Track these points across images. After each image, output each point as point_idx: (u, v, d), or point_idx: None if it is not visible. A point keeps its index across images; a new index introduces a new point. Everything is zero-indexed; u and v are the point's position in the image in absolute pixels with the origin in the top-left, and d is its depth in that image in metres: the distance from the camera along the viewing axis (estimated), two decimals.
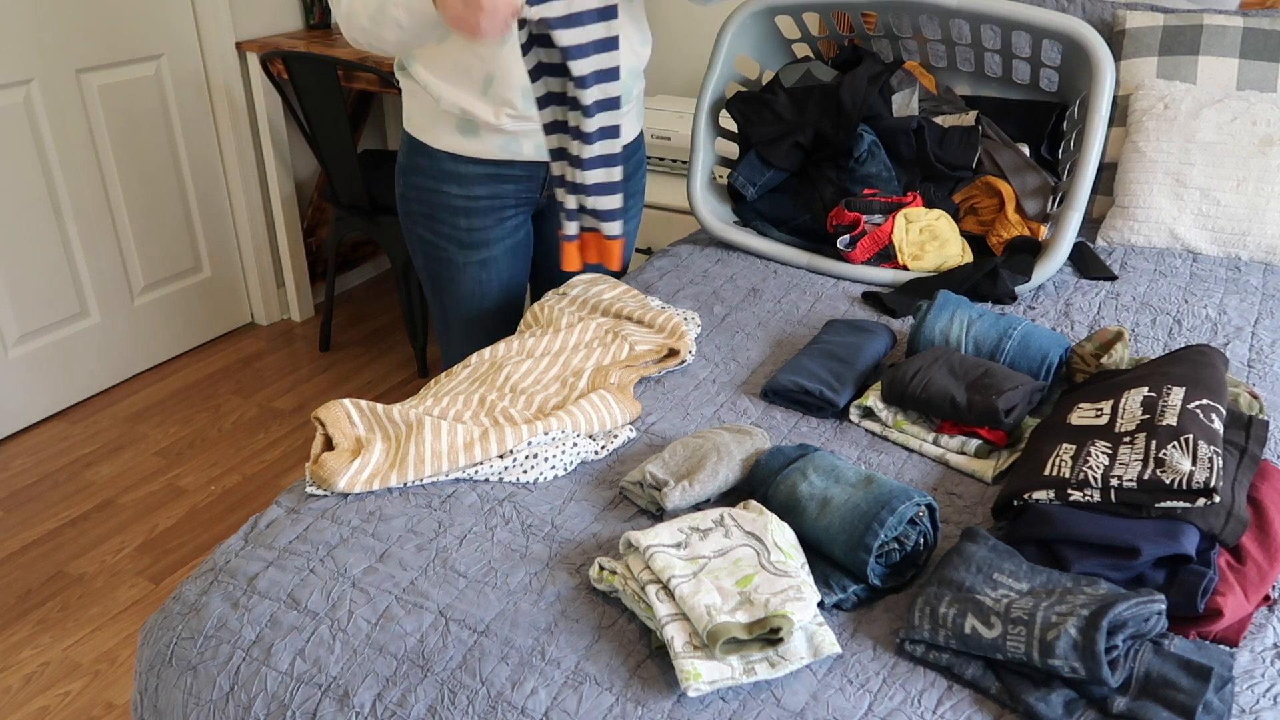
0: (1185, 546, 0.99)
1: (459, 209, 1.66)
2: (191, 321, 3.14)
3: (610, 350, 1.44)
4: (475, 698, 0.93)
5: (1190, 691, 0.87)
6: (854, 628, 1.00)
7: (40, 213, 2.64)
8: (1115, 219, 1.90)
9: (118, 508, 2.44)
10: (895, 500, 1.03)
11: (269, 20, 3.04)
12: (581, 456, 1.25)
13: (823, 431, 1.32)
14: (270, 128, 3.07)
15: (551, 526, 1.14)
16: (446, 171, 1.63)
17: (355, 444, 1.23)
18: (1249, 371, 1.46)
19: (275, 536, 1.13)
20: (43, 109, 2.59)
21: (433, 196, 1.66)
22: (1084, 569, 1.00)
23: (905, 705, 0.91)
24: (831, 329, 1.51)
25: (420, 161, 1.65)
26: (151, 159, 2.89)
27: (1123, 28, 2.02)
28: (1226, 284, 1.72)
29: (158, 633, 1.06)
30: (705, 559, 1.00)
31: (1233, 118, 1.83)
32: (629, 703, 0.91)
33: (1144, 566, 1.00)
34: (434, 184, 1.65)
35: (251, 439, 2.72)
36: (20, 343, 2.68)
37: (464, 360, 1.45)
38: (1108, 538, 1.00)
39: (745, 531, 1.03)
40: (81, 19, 2.63)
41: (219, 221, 3.14)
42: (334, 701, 0.95)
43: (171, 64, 2.88)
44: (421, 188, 1.66)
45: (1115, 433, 1.11)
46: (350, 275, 3.60)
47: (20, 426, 2.73)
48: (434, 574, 1.07)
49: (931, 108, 1.96)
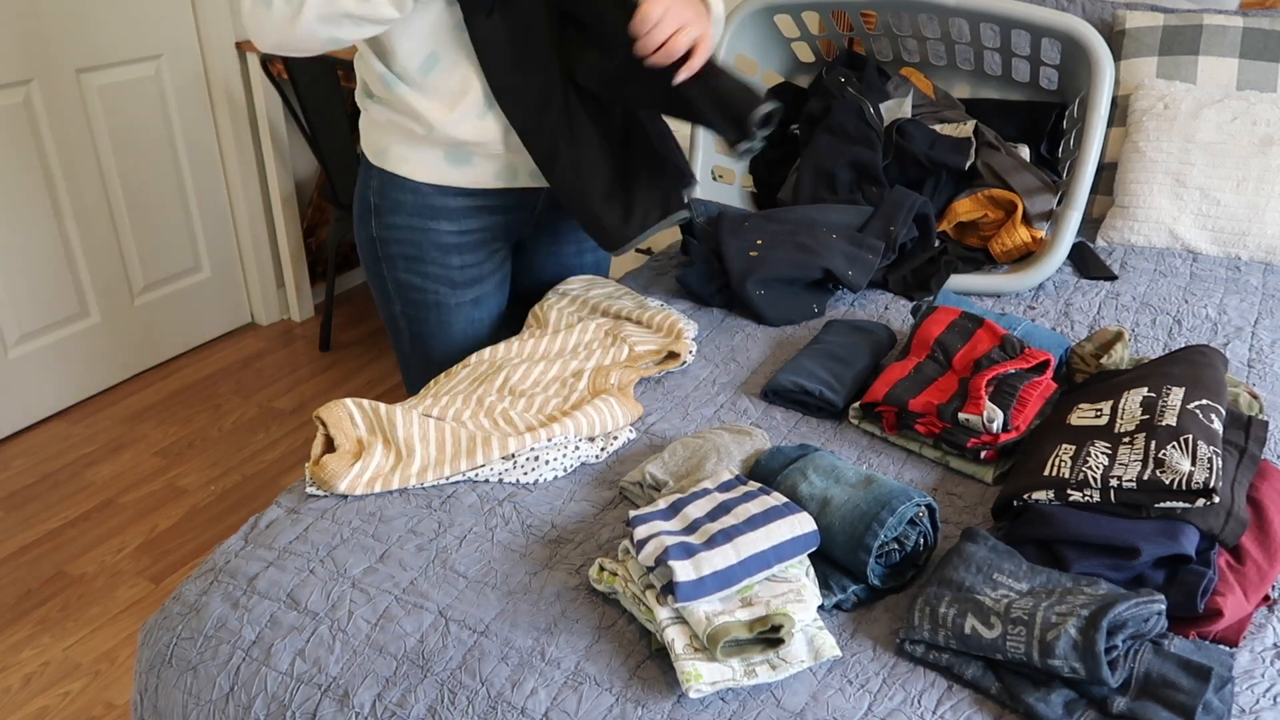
0: (1185, 546, 0.99)
1: (450, 246, 1.52)
2: (191, 321, 3.14)
3: (610, 352, 1.44)
4: (475, 698, 0.93)
5: (1190, 691, 0.88)
6: (854, 628, 1.00)
7: (40, 213, 2.64)
8: (1115, 219, 1.90)
9: (118, 508, 2.44)
10: (895, 500, 1.03)
11: None
12: (582, 459, 1.25)
13: (823, 432, 1.32)
14: (270, 128, 3.07)
15: (551, 527, 1.14)
16: (434, 206, 1.49)
17: (357, 445, 1.23)
18: (1249, 371, 1.46)
19: (275, 537, 1.13)
20: (42, 109, 2.59)
21: (418, 236, 1.50)
22: (1084, 569, 1.00)
23: (905, 705, 0.91)
24: (831, 329, 1.51)
25: (400, 198, 1.49)
26: (151, 159, 2.89)
27: (1123, 27, 2.02)
28: (1226, 284, 1.72)
29: (158, 633, 1.06)
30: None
31: (1233, 118, 1.83)
32: (629, 703, 0.91)
33: (1144, 566, 1.00)
34: (420, 221, 1.50)
35: (251, 439, 2.72)
36: (20, 343, 2.68)
37: (464, 360, 1.45)
38: (1107, 538, 1.00)
39: None
40: (81, 19, 2.63)
41: (219, 221, 3.14)
42: (334, 701, 0.95)
43: (171, 64, 2.88)
44: (403, 227, 1.50)
45: (1115, 433, 1.11)
46: (350, 275, 3.60)
47: (20, 426, 2.73)
48: (434, 574, 1.07)
49: (930, 113, 1.96)
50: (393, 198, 1.50)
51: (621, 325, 1.51)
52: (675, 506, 1.05)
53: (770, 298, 1.60)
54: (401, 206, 1.50)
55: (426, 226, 1.50)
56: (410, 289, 1.55)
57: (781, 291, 1.62)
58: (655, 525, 1.01)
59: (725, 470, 1.12)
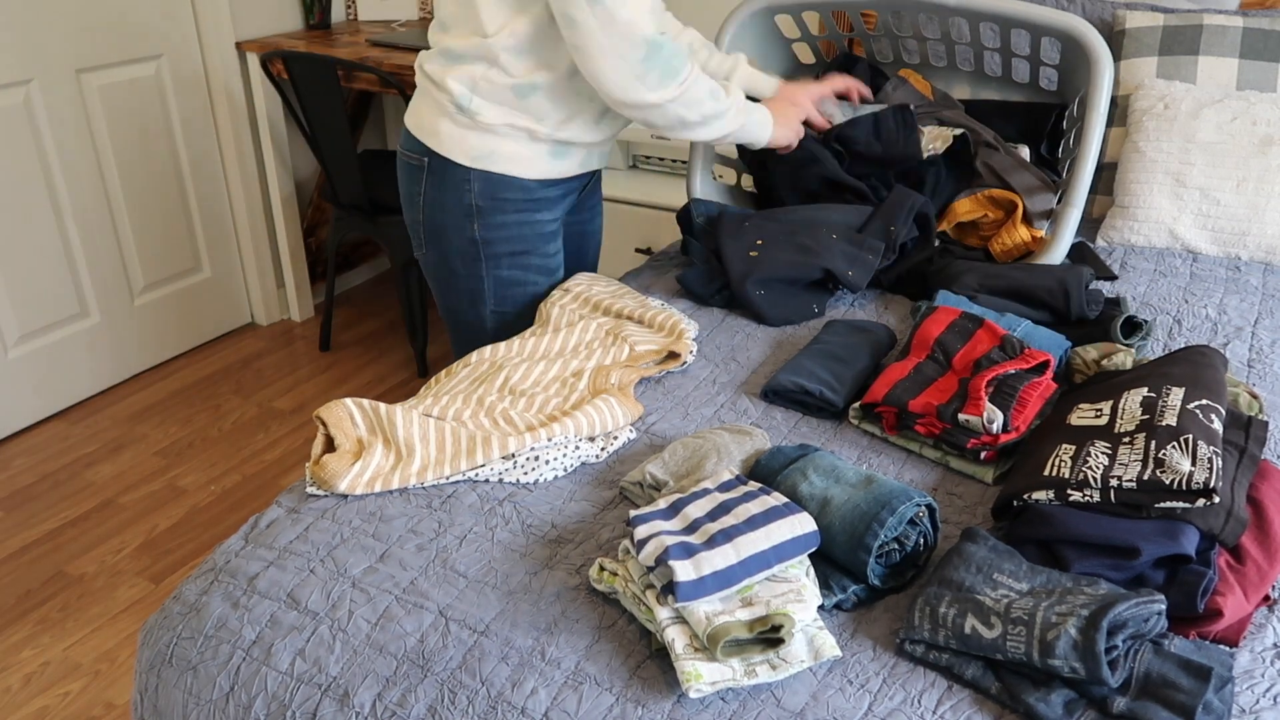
0: (1185, 546, 0.99)
1: (549, 235, 1.63)
2: (191, 321, 3.14)
3: (610, 352, 1.44)
4: (475, 698, 0.93)
5: (1190, 691, 0.88)
6: (854, 628, 1.00)
7: (40, 213, 2.64)
8: (1115, 219, 1.90)
9: (118, 508, 2.44)
10: (895, 500, 1.03)
11: (269, 20, 3.04)
12: (582, 459, 1.25)
13: (823, 431, 1.32)
14: (270, 128, 3.07)
15: (551, 527, 1.14)
16: (538, 200, 1.59)
17: (357, 445, 1.23)
18: (1249, 371, 1.46)
19: (275, 536, 1.13)
20: (43, 109, 2.59)
21: (525, 229, 1.60)
22: (1084, 569, 1.00)
23: (905, 705, 0.91)
24: (831, 329, 1.51)
25: (510, 196, 1.57)
26: (151, 158, 2.89)
27: (1122, 28, 2.02)
28: (1226, 284, 1.72)
29: (158, 633, 1.06)
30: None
31: (1233, 118, 1.83)
32: (629, 703, 0.91)
33: (1144, 567, 1.00)
34: (526, 215, 1.59)
35: (251, 439, 2.72)
36: (20, 343, 2.68)
37: (463, 360, 1.45)
38: (1107, 538, 1.00)
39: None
40: (81, 19, 2.63)
41: (219, 221, 3.14)
42: (334, 701, 0.95)
43: (171, 64, 2.88)
44: (510, 224, 1.59)
45: (1115, 433, 1.11)
46: (350, 275, 3.60)
47: (20, 426, 2.73)
48: (434, 574, 1.07)
49: (928, 113, 1.96)
50: (502, 197, 1.57)
51: (622, 324, 1.51)
52: (675, 506, 1.05)
53: (770, 298, 1.60)
54: (508, 206, 1.58)
55: (532, 219, 1.60)
56: (511, 284, 1.64)
57: (781, 291, 1.62)
58: (655, 525, 1.01)
59: (725, 470, 1.12)
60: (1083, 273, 1.55)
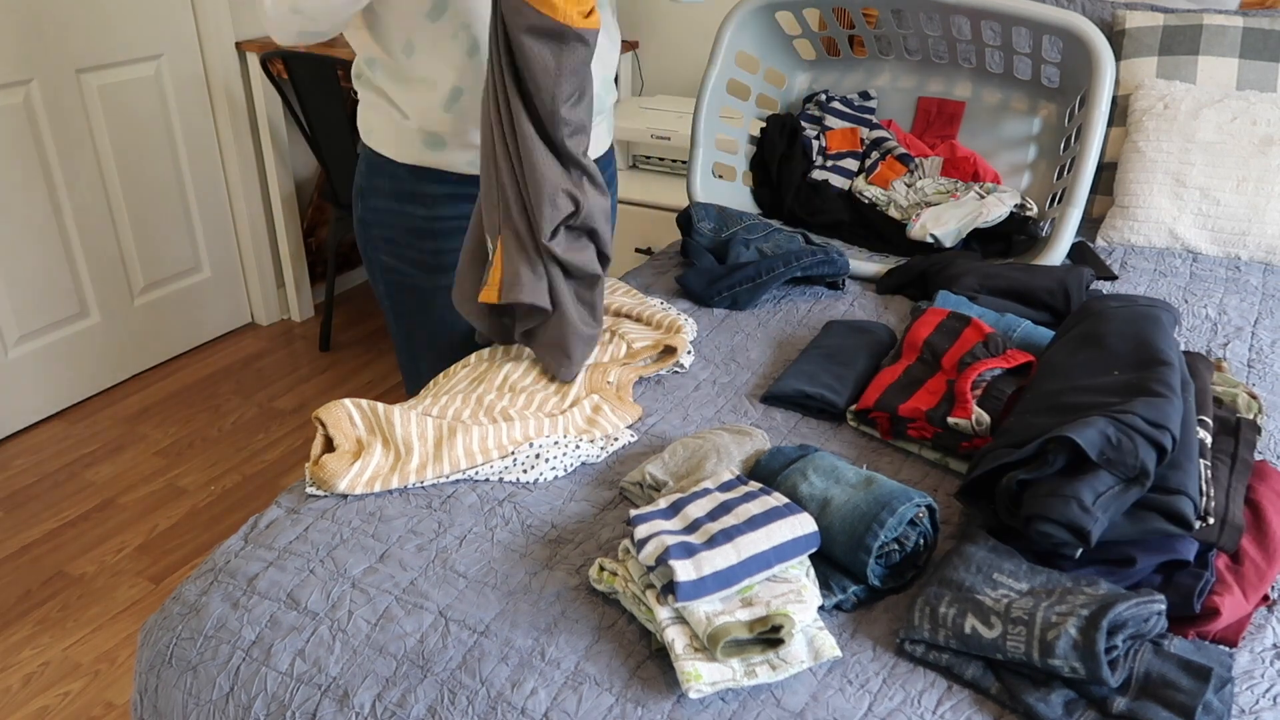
0: (1183, 553, 0.99)
1: (424, 231, 1.52)
2: (191, 321, 3.14)
3: (608, 349, 1.44)
4: (475, 698, 0.93)
5: (1190, 692, 0.87)
6: (854, 628, 1.00)
7: (40, 213, 2.64)
8: (1115, 219, 1.90)
9: (118, 508, 2.44)
10: (895, 501, 1.03)
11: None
12: (582, 459, 1.25)
13: (822, 432, 1.32)
14: (270, 128, 3.07)
15: (551, 527, 1.14)
16: (409, 192, 1.49)
17: (356, 445, 1.23)
18: (1249, 371, 1.46)
19: (275, 537, 1.13)
20: (42, 109, 2.59)
21: (394, 219, 1.51)
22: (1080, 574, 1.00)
23: (905, 705, 0.91)
24: (831, 330, 1.51)
25: (379, 182, 1.50)
26: (151, 159, 2.89)
27: (1123, 27, 2.02)
28: (1226, 284, 1.72)
29: (158, 633, 1.06)
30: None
31: (1233, 117, 1.83)
32: (629, 703, 0.91)
33: (1141, 575, 1.00)
34: (395, 205, 1.50)
35: (251, 439, 2.72)
36: (20, 343, 2.68)
37: (462, 360, 1.45)
38: (1104, 551, 1.00)
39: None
40: (81, 19, 2.63)
41: (219, 221, 3.14)
42: (334, 702, 0.95)
43: (171, 64, 2.88)
44: (381, 209, 1.52)
45: None
46: (350, 275, 3.60)
47: (20, 426, 2.73)
48: (434, 574, 1.07)
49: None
50: (374, 181, 1.51)
51: (620, 322, 1.51)
52: (676, 506, 1.05)
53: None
54: (379, 190, 1.51)
55: (402, 210, 1.51)
56: (390, 271, 1.57)
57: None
58: (655, 525, 1.01)
59: (726, 470, 1.12)
60: (1083, 273, 1.55)
